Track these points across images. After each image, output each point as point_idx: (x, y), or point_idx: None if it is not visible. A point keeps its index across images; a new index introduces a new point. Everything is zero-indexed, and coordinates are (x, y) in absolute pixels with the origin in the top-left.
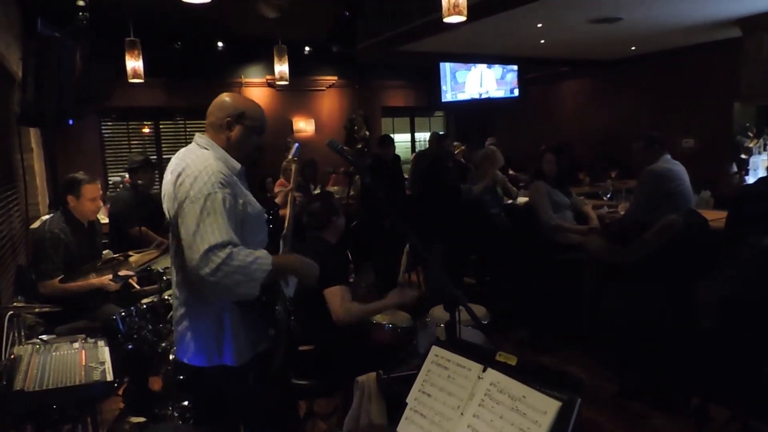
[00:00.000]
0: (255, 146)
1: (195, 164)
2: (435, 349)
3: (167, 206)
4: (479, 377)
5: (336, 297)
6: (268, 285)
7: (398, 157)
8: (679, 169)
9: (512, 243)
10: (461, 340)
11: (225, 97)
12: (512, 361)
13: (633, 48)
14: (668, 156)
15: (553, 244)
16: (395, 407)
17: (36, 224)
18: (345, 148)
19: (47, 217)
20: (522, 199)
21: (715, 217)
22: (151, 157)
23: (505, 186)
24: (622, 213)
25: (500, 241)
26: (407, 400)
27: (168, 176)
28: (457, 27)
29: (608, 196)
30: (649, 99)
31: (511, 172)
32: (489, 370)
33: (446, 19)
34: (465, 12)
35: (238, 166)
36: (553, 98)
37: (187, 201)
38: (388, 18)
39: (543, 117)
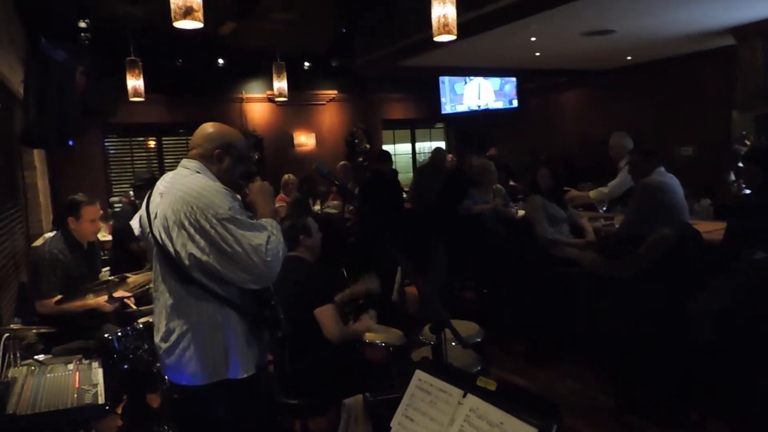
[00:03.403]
0: (240, 174)
1: (196, 186)
2: (418, 373)
3: (160, 225)
4: (459, 402)
5: (328, 317)
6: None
7: (396, 171)
8: (673, 182)
9: (509, 256)
10: (445, 363)
11: (209, 128)
12: (492, 386)
13: (629, 58)
14: (662, 169)
15: (549, 258)
16: (381, 430)
17: (39, 242)
18: (340, 165)
19: (50, 235)
20: (520, 212)
21: (712, 228)
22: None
23: (504, 209)
24: (617, 226)
25: (498, 254)
26: (391, 424)
27: (157, 198)
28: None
29: (605, 208)
30: (647, 107)
31: (511, 182)
32: (469, 395)
33: (436, 38)
34: (455, 31)
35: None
36: (552, 108)
37: (214, 221)
38: (386, 34)
39: (542, 127)
